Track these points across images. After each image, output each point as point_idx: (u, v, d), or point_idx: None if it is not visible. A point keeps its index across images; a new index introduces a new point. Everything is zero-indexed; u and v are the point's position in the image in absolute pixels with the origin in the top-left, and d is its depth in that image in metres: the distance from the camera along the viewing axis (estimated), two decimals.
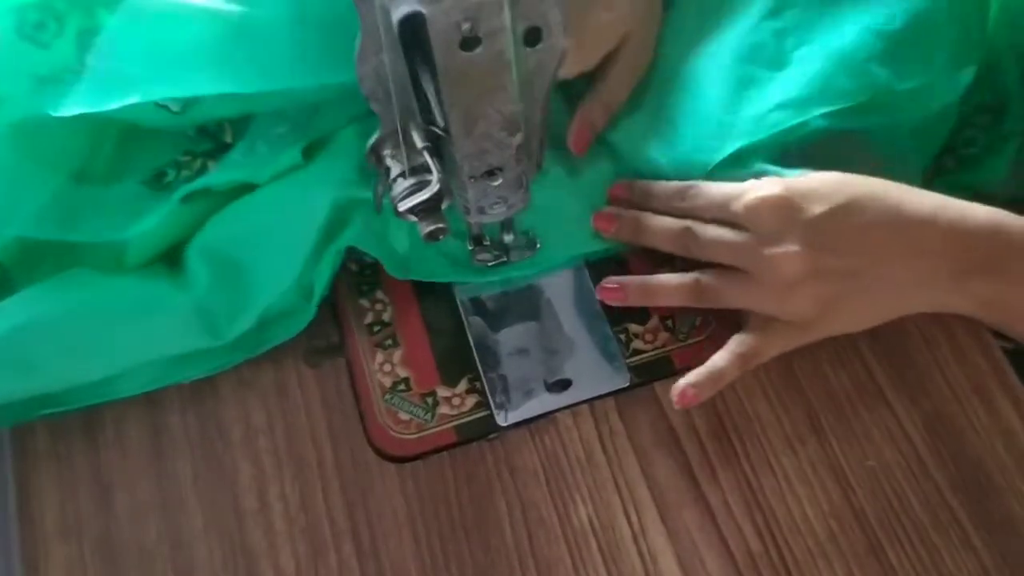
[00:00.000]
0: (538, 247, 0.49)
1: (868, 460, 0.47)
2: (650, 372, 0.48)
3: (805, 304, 0.45)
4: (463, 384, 0.48)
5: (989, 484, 0.46)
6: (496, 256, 0.49)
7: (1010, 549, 0.45)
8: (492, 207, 0.43)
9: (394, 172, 0.40)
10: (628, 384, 0.48)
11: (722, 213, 0.46)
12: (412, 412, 0.47)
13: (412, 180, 0.40)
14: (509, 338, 0.49)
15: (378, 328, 0.49)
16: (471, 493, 0.46)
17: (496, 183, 0.41)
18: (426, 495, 0.46)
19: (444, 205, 0.40)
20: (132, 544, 0.45)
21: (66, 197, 0.45)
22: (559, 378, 0.48)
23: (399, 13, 0.33)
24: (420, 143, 0.39)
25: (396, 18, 0.33)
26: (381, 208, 0.44)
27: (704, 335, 0.49)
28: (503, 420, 0.47)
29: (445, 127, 0.38)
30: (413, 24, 0.33)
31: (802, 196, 0.44)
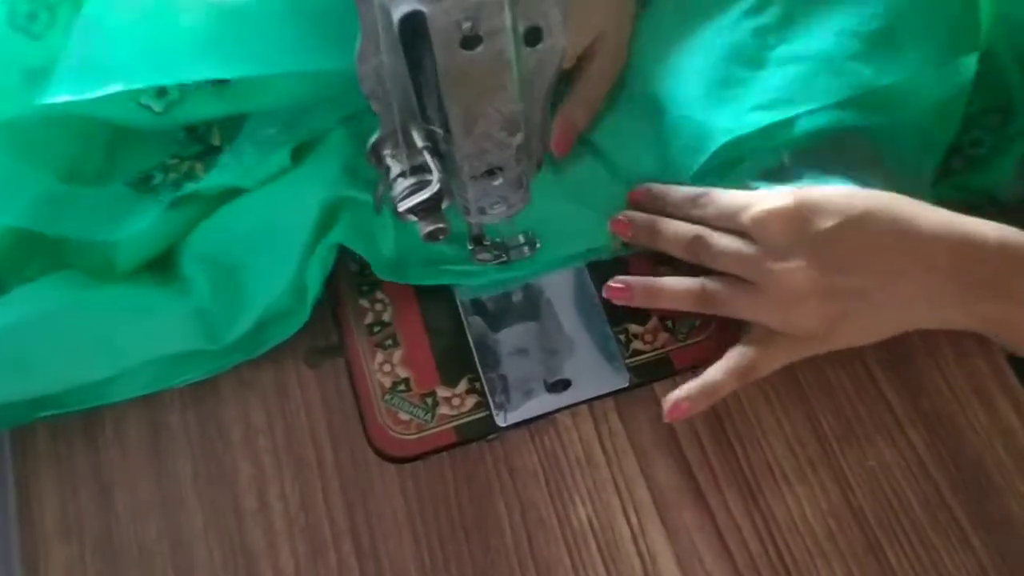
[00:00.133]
0: (538, 247, 0.49)
1: (868, 460, 0.47)
2: (650, 373, 0.48)
3: (810, 320, 0.44)
4: (463, 384, 0.48)
5: (988, 484, 0.46)
6: (496, 256, 0.49)
7: (1009, 549, 0.45)
8: (492, 207, 0.43)
9: (394, 172, 0.40)
10: (628, 384, 0.48)
11: (732, 223, 0.45)
12: (412, 412, 0.47)
13: (412, 180, 0.40)
14: (509, 338, 0.49)
15: (378, 328, 0.49)
16: (471, 493, 0.46)
17: (496, 183, 0.41)
18: (426, 495, 0.46)
19: (444, 205, 0.40)
20: (132, 544, 0.45)
21: (55, 195, 0.45)
22: (559, 378, 0.48)
23: (399, 12, 0.33)
24: (420, 143, 0.39)
25: (396, 17, 0.33)
26: (381, 209, 0.44)
27: (704, 336, 0.49)
28: (503, 420, 0.47)
29: (445, 127, 0.38)
30: (413, 23, 0.33)
31: (811, 209, 0.43)
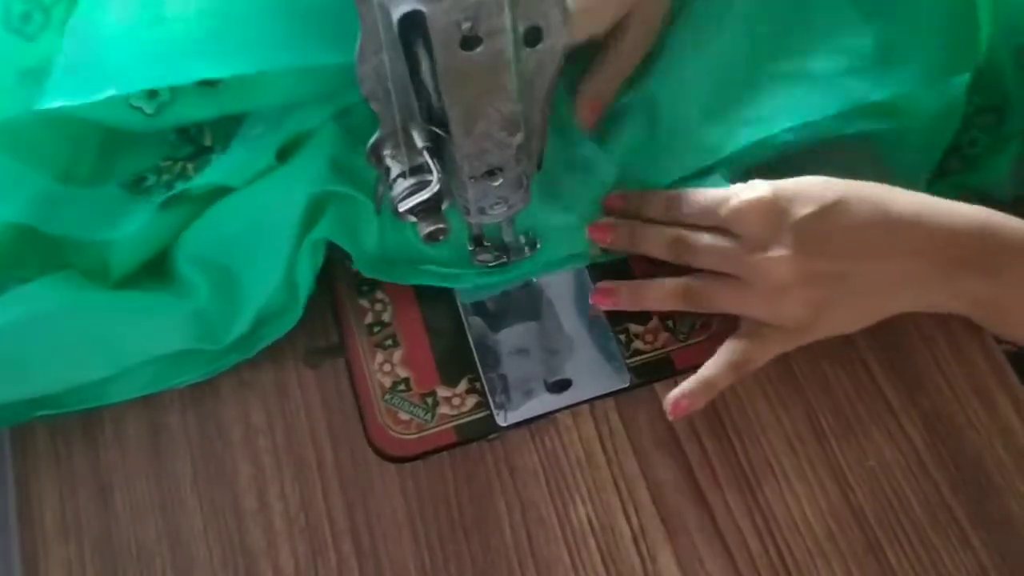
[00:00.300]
0: (538, 247, 0.49)
1: (867, 460, 0.47)
2: (650, 372, 0.48)
3: (796, 308, 0.45)
4: (463, 384, 0.48)
5: (988, 484, 0.46)
6: (496, 256, 0.49)
7: (1009, 549, 0.45)
8: (492, 207, 0.43)
9: (394, 172, 0.40)
10: (628, 384, 0.48)
11: (710, 219, 0.45)
12: (412, 412, 0.47)
13: (412, 180, 0.40)
14: (509, 338, 0.49)
15: (378, 328, 0.49)
16: (471, 493, 0.46)
17: (496, 183, 0.41)
18: (426, 495, 0.46)
19: (444, 205, 0.40)
20: (132, 544, 0.45)
21: (51, 195, 0.45)
22: (559, 378, 0.48)
23: (399, 12, 0.33)
24: (420, 143, 0.39)
25: (396, 17, 0.33)
26: (380, 209, 0.44)
27: (705, 336, 0.49)
28: (503, 420, 0.47)
29: (445, 127, 0.38)
30: (413, 23, 0.33)
31: (788, 199, 0.43)
